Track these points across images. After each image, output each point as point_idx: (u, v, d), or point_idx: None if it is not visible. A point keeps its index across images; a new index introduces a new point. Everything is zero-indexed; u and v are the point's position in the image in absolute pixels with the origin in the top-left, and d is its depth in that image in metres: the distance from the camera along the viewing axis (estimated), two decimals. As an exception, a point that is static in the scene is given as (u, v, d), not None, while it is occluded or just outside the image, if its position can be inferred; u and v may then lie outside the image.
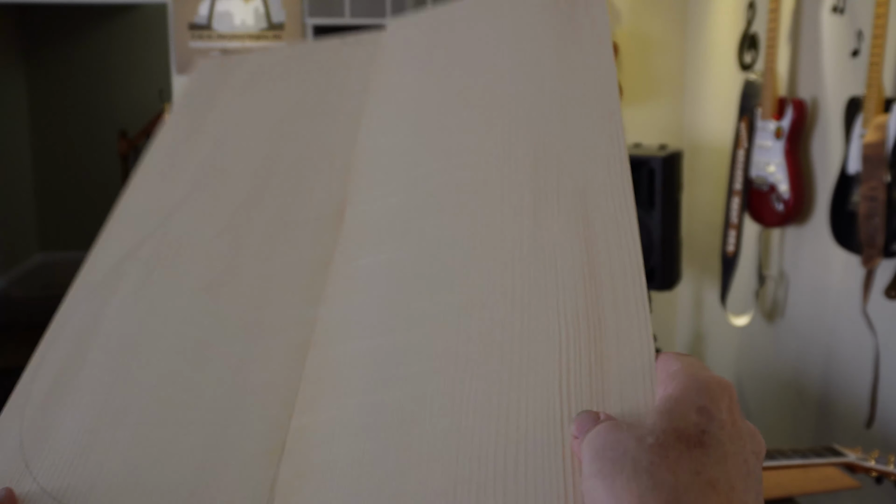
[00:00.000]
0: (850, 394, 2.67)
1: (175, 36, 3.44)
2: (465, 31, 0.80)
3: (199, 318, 0.63)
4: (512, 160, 0.64)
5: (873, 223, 2.29)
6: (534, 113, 0.68)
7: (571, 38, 0.74)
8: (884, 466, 1.62)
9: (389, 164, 0.69)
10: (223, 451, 0.55)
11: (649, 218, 3.08)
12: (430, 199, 0.64)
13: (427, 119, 0.72)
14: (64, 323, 0.66)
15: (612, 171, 0.61)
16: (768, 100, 2.83)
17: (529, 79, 0.71)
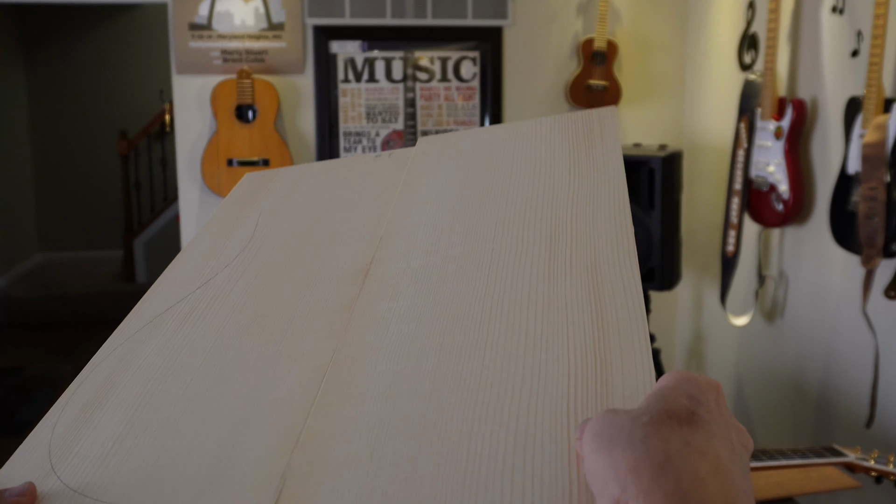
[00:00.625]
0: (850, 394, 2.67)
1: (175, 36, 3.44)
2: (487, 142, 0.93)
3: (225, 352, 0.69)
4: (528, 238, 0.74)
5: (873, 223, 2.29)
6: (548, 203, 0.79)
7: (585, 147, 0.87)
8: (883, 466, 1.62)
9: (414, 237, 0.79)
10: (238, 450, 0.58)
11: (649, 218, 3.08)
12: (451, 263, 0.73)
13: (450, 205, 0.83)
14: (102, 359, 0.72)
15: (619, 249, 0.70)
16: (768, 100, 2.83)
17: (545, 177, 0.83)
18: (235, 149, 3.44)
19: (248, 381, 0.65)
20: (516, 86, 3.69)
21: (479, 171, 0.88)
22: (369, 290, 0.73)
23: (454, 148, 0.96)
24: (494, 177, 0.86)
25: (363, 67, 3.60)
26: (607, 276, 0.67)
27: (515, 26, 3.65)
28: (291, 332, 0.70)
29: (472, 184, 0.86)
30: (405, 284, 0.72)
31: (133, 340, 0.73)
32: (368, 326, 0.68)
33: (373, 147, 3.65)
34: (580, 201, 0.78)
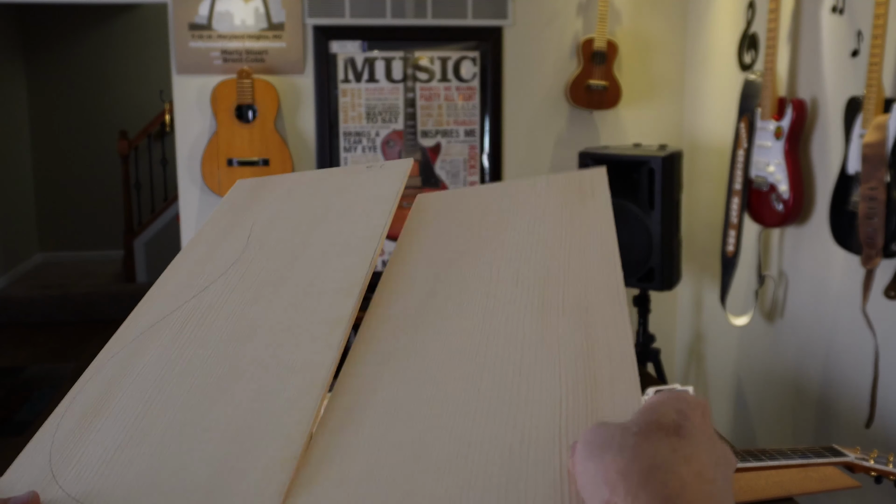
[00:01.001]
0: (850, 393, 2.67)
1: (175, 36, 3.44)
2: (484, 198, 0.99)
3: (223, 361, 0.70)
4: (521, 284, 0.78)
5: (873, 223, 2.29)
6: (542, 254, 0.84)
7: (577, 204, 0.94)
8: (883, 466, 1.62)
9: (412, 280, 0.84)
10: (239, 462, 0.59)
11: (649, 218, 3.08)
12: (448, 303, 0.77)
13: (448, 252, 0.88)
14: (100, 366, 0.72)
15: (609, 296, 0.75)
16: (768, 100, 2.83)
17: (539, 231, 0.88)
18: (235, 149, 3.45)
19: (248, 391, 0.66)
20: (516, 86, 3.70)
21: (476, 223, 0.94)
22: (368, 326, 0.77)
23: (453, 202, 1.03)
24: (490, 229, 0.91)
25: (363, 67, 3.61)
26: (597, 317, 0.71)
27: (515, 26, 3.65)
28: (288, 343, 0.71)
29: (469, 235, 0.91)
30: (404, 323, 0.75)
31: (131, 349, 0.74)
32: (368, 359, 0.71)
33: (373, 147, 3.65)
34: (572, 252, 0.84)
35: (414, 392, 0.65)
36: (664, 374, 3.39)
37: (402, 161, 1.03)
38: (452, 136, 3.70)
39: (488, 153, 3.72)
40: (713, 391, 3.63)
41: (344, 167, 1.06)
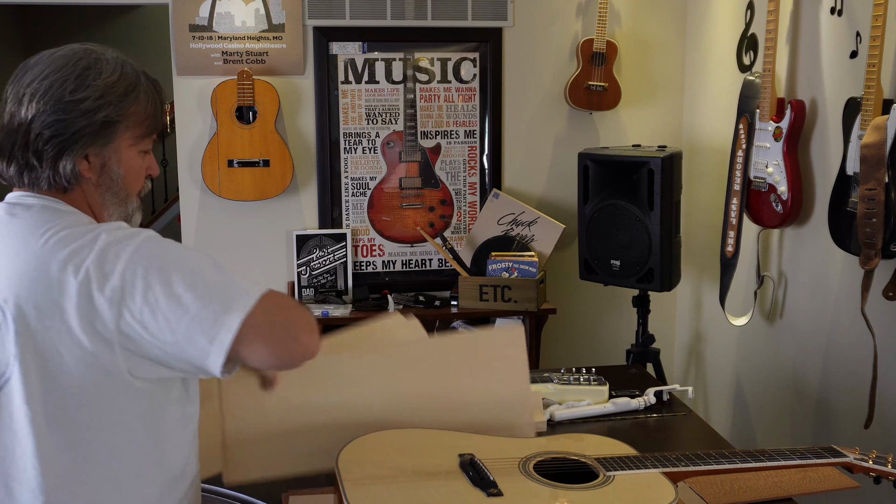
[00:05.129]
0: (849, 394, 2.67)
1: (175, 37, 3.44)
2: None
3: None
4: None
5: (872, 224, 2.30)
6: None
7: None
8: (882, 466, 1.63)
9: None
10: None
11: (649, 219, 3.09)
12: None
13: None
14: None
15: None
16: (767, 101, 2.84)
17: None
18: (236, 150, 3.45)
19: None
20: (516, 87, 3.70)
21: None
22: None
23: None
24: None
25: (363, 68, 3.61)
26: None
27: (515, 27, 3.66)
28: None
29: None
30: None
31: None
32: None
33: (373, 148, 3.65)
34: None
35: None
36: (664, 374, 3.40)
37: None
38: (452, 136, 3.70)
39: (488, 154, 3.73)
40: (713, 391, 3.63)
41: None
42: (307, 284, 3.59)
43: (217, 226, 3.59)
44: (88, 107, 1.26)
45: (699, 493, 1.73)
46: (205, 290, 1.19)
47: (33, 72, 1.29)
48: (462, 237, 3.74)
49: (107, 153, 1.31)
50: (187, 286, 1.18)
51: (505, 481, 1.49)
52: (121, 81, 1.30)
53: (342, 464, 1.52)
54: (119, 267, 1.17)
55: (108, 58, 1.32)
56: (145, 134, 1.35)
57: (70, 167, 1.27)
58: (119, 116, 1.29)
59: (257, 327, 1.19)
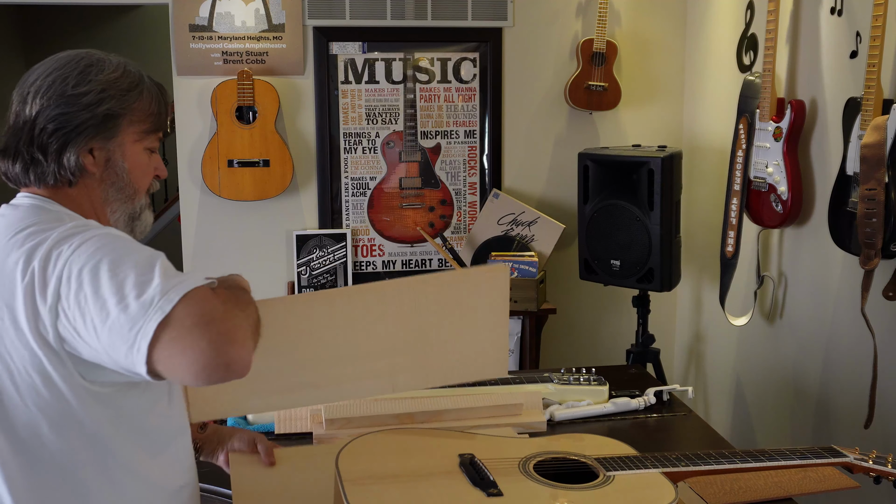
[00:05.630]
0: (849, 394, 2.67)
1: (175, 37, 3.44)
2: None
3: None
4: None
5: (872, 224, 2.30)
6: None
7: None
8: (882, 466, 1.63)
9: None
10: None
11: (649, 219, 3.09)
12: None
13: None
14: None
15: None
16: (767, 101, 2.84)
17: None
18: (236, 150, 3.45)
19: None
20: (516, 87, 3.70)
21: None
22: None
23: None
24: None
25: (363, 68, 3.61)
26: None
27: (515, 27, 3.66)
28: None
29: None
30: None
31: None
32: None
33: (373, 148, 3.65)
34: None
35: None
36: (664, 374, 3.40)
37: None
38: (452, 136, 3.70)
39: (488, 154, 3.73)
40: (713, 391, 3.63)
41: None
42: (307, 284, 3.59)
43: (217, 226, 3.59)
44: (91, 100, 1.28)
45: (699, 493, 1.73)
46: (129, 290, 1.09)
47: (37, 72, 1.31)
48: (462, 237, 3.74)
49: (111, 147, 1.31)
50: (113, 287, 1.10)
51: (505, 481, 1.49)
52: (123, 78, 1.32)
53: (342, 464, 1.52)
54: (58, 267, 1.14)
55: (112, 59, 1.34)
56: (150, 130, 1.35)
57: (74, 160, 1.28)
58: (122, 110, 1.30)
59: (175, 335, 1.07)
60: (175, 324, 1.06)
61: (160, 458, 1.28)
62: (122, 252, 1.15)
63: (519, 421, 1.99)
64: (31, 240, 1.18)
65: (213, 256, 3.61)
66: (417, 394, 2.08)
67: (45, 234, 1.18)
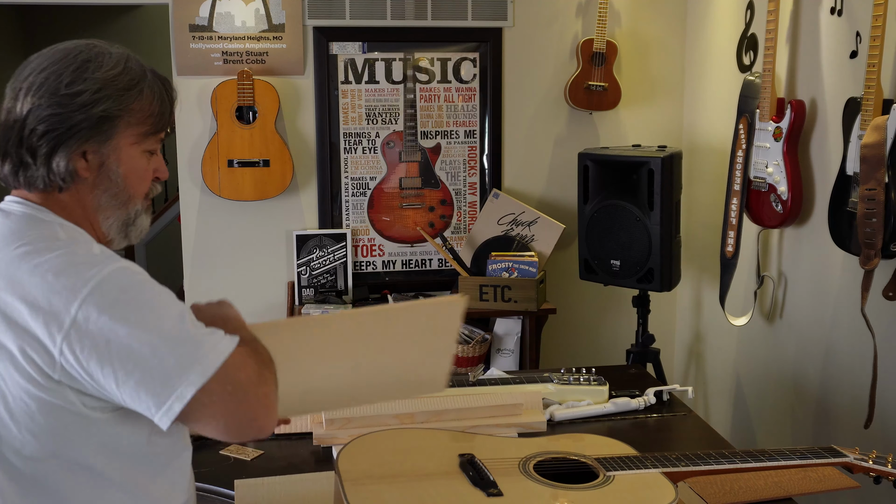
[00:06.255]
0: (849, 394, 2.67)
1: (175, 37, 3.44)
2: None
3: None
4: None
5: (872, 224, 2.30)
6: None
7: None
8: (882, 466, 1.63)
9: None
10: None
11: (649, 219, 3.09)
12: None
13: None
14: None
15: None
16: (767, 101, 2.84)
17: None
18: (236, 150, 3.45)
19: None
20: (516, 87, 3.70)
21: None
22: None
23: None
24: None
25: (363, 68, 3.61)
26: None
27: (515, 27, 3.66)
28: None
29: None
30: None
31: None
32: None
33: (373, 148, 3.65)
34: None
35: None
36: (664, 374, 3.40)
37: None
38: (452, 137, 3.70)
39: (488, 154, 3.73)
40: (713, 391, 3.63)
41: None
42: (307, 284, 3.59)
43: (217, 226, 3.59)
44: (85, 100, 1.19)
45: (699, 493, 1.73)
46: (161, 345, 1.08)
47: (31, 66, 1.23)
48: (462, 237, 3.74)
49: (105, 151, 1.22)
50: (143, 338, 1.08)
51: (505, 481, 1.49)
52: (123, 75, 1.24)
53: (342, 464, 1.52)
54: (72, 305, 1.08)
55: (113, 52, 1.26)
56: (150, 132, 1.27)
57: (64, 164, 1.20)
58: (119, 111, 1.22)
59: (210, 401, 1.08)
60: (213, 391, 1.08)
61: (159, 479, 1.23)
62: (147, 297, 1.13)
63: (519, 421, 1.99)
64: (31, 259, 1.14)
65: (213, 256, 3.61)
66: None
67: (45, 258, 1.13)
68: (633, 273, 3.17)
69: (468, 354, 3.45)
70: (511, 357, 3.54)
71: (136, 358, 1.08)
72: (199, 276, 3.61)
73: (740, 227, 2.99)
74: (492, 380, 2.19)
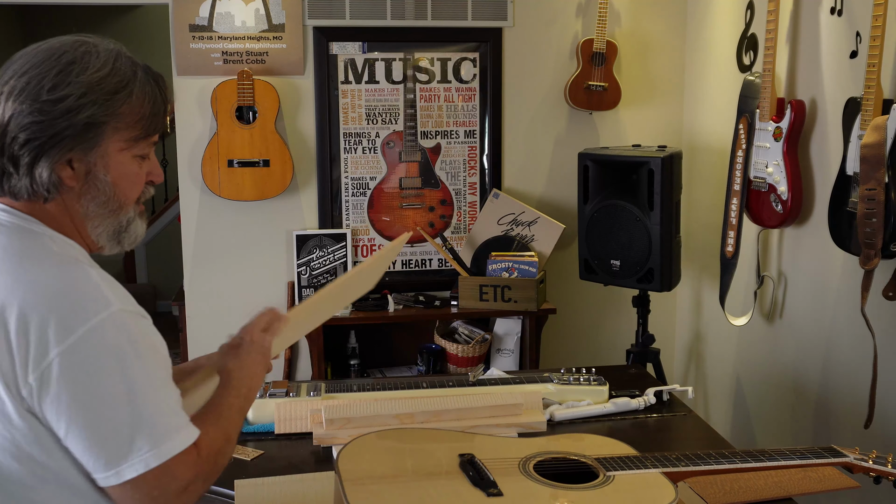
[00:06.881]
0: (849, 394, 2.67)
1: (175, 37, 3.44)
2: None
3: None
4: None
5: (872, 224, 2.30)
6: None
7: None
8: (882, 466, 1.63)
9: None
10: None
11: (649, 219, 3.09)
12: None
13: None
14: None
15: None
16: (767, 101, 2.84)
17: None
18: (236, 150, 3.45)
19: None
20: (516, 87, 3.70)
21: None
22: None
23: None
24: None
25: (363, 68, 3.61)
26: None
27: (515, 27, 3.66)
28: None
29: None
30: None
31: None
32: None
33: (373, 148, 3.65)
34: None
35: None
36: (664, 374, 3.40)
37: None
38: (452, 137, 3.70)
39: (488, 154, 3.73)
40: (712, 391, 3.63)
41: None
42: (307, 284, 3.59)
43: (217, 226, 3.60)
44: (69, 106, 1.12)
45: (699, 493, 1.73)
46: (121, 422, 1.09)
47: (14, 67, 1.15)
48: (462, 237, 3.75)
49: (92, 158, 1.16)
50: (105, 407, 1.08)
51: (505, 481, 1.49)
52: (110, 77, 1.16)
53: (342, 464, 1.52)
54: (46, 356, 1.07)
55: (101, 50, 1.18)
56: (141, 136, 1.20)
57: (47, 174, 1.13)
58: (106, 117, 1.15)
59: (151, 490, 1.10)
60: (154, 482, 1.10)
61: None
62: (118, 363, 1.10)
63: (519, 421, 1.99)
64: (29, 276, 1.11)
65: (213, 256, 3.61)
66: (417, 394, 2.08)
67: (43, 276, 1.11)
68: (633, 273, 3.17)
69: (468, 354, 3.45)
70: (511, 357, 3.54)
71: (87, 428, 1.09)
72: (199, 276, 3.61)
73: (740, 227, 2.99)
74: (492, 380, 2.19)
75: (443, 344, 3.49)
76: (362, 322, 3.46)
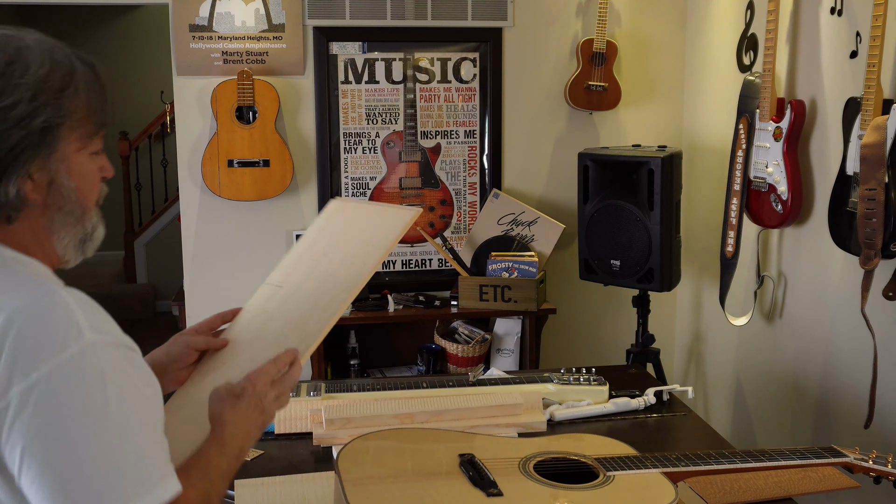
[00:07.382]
0: (849, 394, 2.67)
1: (176, 37, 3.44)
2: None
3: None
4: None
5: (872, 224, 2.30)
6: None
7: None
8: (882, 466, 1.63)
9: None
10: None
11: (649, 219, 3.09)
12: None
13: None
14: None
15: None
16: (767, 101, 2.84)
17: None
18: (236, 150, 3.45)
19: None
20: (516, 87, 3.70)
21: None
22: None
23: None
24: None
25: (363, 68, 3.61)
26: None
27: (515, 27, 3.66)
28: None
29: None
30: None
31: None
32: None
33: (373, 148, 3.65)
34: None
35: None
36: (664, 374, 3.40)
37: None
38: (452, 136, 3.70)
39: (488, 154, 3.73)
40: (712, 391, 3.63)
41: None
42: (307, 284, 3.59)
43: (217, 226, 3.60)
44: (22, 112, 1.01)
45: (699, 493, 1.73)
46: (92, 472, 0.95)
47: None
48: (462, 237, 3.75)
49: (52, 165, 1.06)
50: (54, 465, 0.94)
51: (505, 481, 1.49)
52: (54, 73, 1.05)
53: (342, 464, 1.52)
54: (26, 377, 0.95)
55: (29, 43, 1.06)
56: (93, 132, 1.12)
57: (14, 192, 1.03)
58: (61, 118, 1.05)
59: None
60: None
61: None
62: (91, 402, 0.97)
63: (519, 421, 1.99)
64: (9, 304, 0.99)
65: (213, 256, 3.61)
66: (417, 394, 2.08)
67: (20, 306, 1.00)
68: (633, 273, 3.17)
69: (468, 354, 3.45)
70: (511, 357, 3.54)
71: (54, 478, 0.95)
72: (199, 276, 3.61)
73: (740, 227, 2.99)
74: (492, 380, 2.19)
75: (443, 344, 3.49)
76: (362, 322, 3.46)
